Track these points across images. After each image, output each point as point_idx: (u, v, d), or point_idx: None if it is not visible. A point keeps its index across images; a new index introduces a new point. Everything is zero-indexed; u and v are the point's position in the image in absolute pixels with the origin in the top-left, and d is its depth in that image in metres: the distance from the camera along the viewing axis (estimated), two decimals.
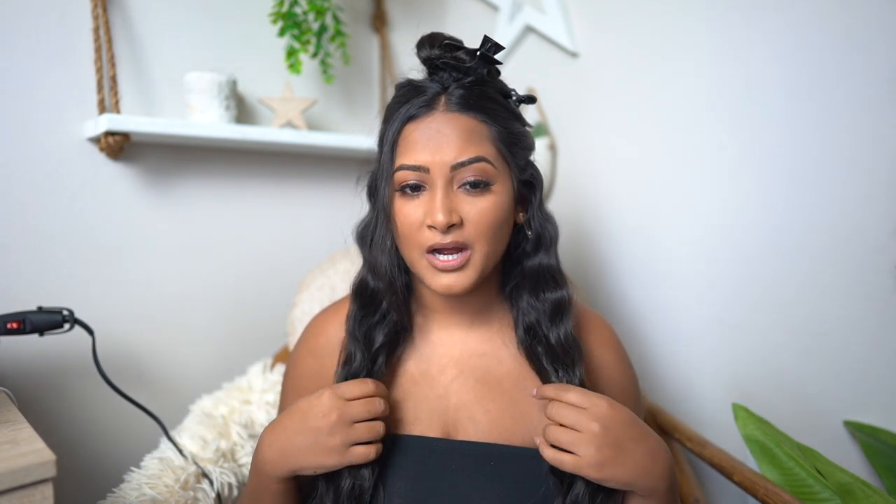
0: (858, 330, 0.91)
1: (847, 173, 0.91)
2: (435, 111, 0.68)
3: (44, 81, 1.06)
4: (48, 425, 1.06)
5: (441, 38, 0.71)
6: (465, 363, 0.77)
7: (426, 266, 0.69)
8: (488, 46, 0.70)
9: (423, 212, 0.68)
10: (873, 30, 0.87)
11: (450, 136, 0.67)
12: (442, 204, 0.66)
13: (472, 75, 0.70)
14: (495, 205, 0.69)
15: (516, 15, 1.40)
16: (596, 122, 1.27)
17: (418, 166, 0.67)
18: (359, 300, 0.78)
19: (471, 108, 0.68)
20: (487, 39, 0.70)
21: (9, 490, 0.56)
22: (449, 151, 0.67)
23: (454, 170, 0.67)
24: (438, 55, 0.70)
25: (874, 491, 0.72)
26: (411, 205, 0.69)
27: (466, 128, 0.68)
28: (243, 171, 1.30)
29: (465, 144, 0.67)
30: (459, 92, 0.69)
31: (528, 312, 0.76)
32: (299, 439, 0.66)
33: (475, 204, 0.68)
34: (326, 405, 0.66)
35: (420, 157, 0.67)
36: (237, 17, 1.29)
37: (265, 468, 0.68)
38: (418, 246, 0.69)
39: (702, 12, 1.07)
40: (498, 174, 0.69)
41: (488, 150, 0.68)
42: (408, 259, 0.72)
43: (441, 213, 0.66)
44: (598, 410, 0.63)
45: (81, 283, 1.11)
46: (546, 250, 0.76)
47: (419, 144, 0.68)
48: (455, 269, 0.68)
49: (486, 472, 0.70)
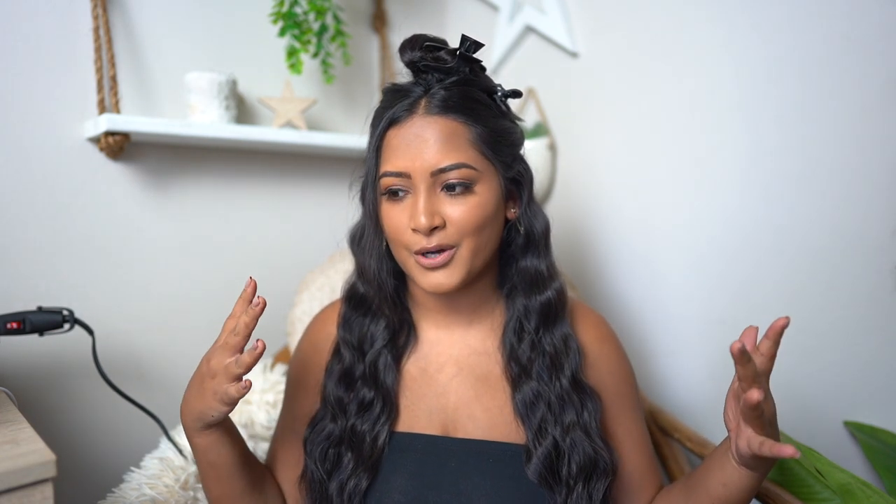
0: (858, 330, 0.91)
1: (847, 173, 0.91)
2: (415, 115, 0.69)
3: (44, 81, 1.06)
4: (48, 425, 1.06)
5: (423, 39, 0.71)
6: (463, 361, 0.77)
7: (415, 265, 0.70)
8: (467, 45, 0.70)
9: (407, 216, 0.69)
10: (873, 31, 0.87)
11: (429, 141, 0.67)
12: (424, 208, 0.67)
13: (454, 75, 0.71)
14: (478, 205, 0.69)
15: (516, 15, 1.40)
16: (596, 122, 1.27)
17: (399, 172, 0.68)
18: (349, 302, 0.80)
19: (450, 109, 0.69)
20: (466, 38, 0.70)
21: (9, 490, 0.56)
22: (429, 157, 0.67)
23: (434, 175, 0.68)
24: (420, 57, 0.70)
25: (874, 491, 0.72)
26: (396, 209, 0.70)
27: (446, 131, 0.68)
28: (243, 171, 1.30)
29: (445, 149, 0.67)
30: (441, 94, 0.69)
31: (522, 314, 0.77)
32: (190, 393, 0.69)
33: (457, 206, 0.68)
34: (203, 360, 0.68)
35: (401, 163, 0.68)
36: (237, 17, 1.29)
37: (186, 434, 0.71)
38: (406, 248, 0.70)
39: (701, 13, 1.07)
40: (480, 175, 0.69)
41: (469, 153, 0.68)
42: (399, 260, 0.73)
43: (423, 216, 0.67)
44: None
45: (81, 283, 1.11)
46: (536, 248, 0.76)
47: (400, 150, 0.68)
48: (441, 267, 0.69)
49: (484, 468, 0.71)
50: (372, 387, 0.76)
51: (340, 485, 0.72)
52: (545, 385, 0.73)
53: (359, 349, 0.78)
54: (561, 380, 0.73)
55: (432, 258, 0.68)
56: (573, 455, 0.70)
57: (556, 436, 0.71)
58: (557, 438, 0.71)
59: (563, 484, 0.69)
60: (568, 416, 0.72)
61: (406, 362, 0.78)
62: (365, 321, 0.79)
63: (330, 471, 0.73)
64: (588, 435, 0.72)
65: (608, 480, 0.71)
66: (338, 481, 0.72)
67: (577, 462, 0.70)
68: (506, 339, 0.77)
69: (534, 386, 0.73)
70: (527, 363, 0.75)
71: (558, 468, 0.70)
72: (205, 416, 0.66)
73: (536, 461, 0.70)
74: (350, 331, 0.78)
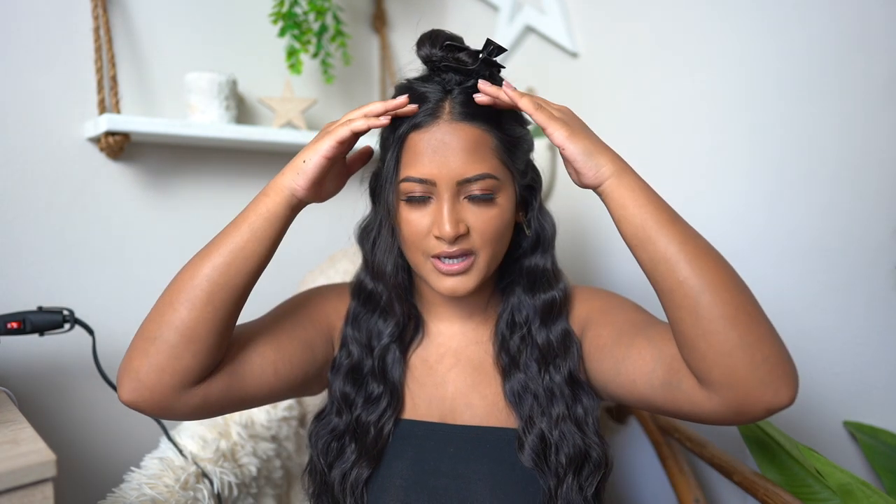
0: (858, 330, 0.91)
1: (847, 173, 0.91)
2: (439, 120, 0.68)
3: (44, 81, 1.06)
4: (48, 425, 1.06)
5: (442, 36, 0.70)
6: (462, 352, 0.79)
7: (431, 269, 0.71)
8: (491, 49, 0.69)
9: (429, 221, 0.69)
10: (872, 30, 0.87)
11: (455, 149, 0.67)
12: (450, 216, 0.67)
13: (474, 78, 0.70)
14: (500, 214, 0.70)
15: (516, 15, 1.40)
16: (595, 122, 1.26)
17: (424, 179, 0.68)
18: (357, 297, 0.81)
19: (475, 117, 0.68)
20: (490, 42, 0.69)
21: (9, 490, 0.56)
22: (455, 165, 0.67)
23: (460, 185, 0.68)
24: (440, 57, 0.69)
25: (874, 491, 0.72)
26: (417, 214, 0.70)
27: (471, 139, 0.68)
28: (243, 171, 1.30)
29: (471, 158, 0.67)
30: (462, 98, 0.69)
31: (518, 309, 0.78)
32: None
33: (480, 214, 0.69)
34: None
35: (426, 169, 0.68)
36: (237, 17, 1.29)
37: (278, 183, 0.68)
38: (424, 252, 0.70)
39: (701, 13, 1.07)
40: (501, 185, 0.70)
41: (492, 163, 0.69)
42: (412, 262, 0.74)
43: (449, 224, 0.67)
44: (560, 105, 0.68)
45: (81, 283, 1.11)
46: (544, 249, 0.78)
47: (425, 157, 0.68)
48: (459, 273, 0.70)
49: (481, 453, 0.73)
50: (381, 381, 0.77)
51: (343, 474, 0.73)
52: (533, 377, 0.75)
53: (367, 346, 0.78)
54: (552, 373, 0.74)
55: (451, 264, 0.69)
56: (562, 446, 0.71)
57: (542, 427, 0.72)
58: (544, 429, 0.72)
59: (553, 474, 0.70)
60: (556, 409, 0.73)
61: (411, 355, 0.80)
62: (373, 317, 0.79)
63: (332, 463, 0.75)
64: (580, 429, 0.72)
65: (601, 474, 0.72)
66: (340, 471, 0.74)
67: (566, 454, 0.71)
68: (498, 330, 0.79)
69: (521, 377, 0.75)
70: (516, 354, 0.76)
71: (546, 458, 0.71)
72: (295, 164, 0.66)
73: (528, 448, 0.71)
74: (358, 328, 0.79)
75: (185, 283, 0.63)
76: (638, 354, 0.66)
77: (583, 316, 0.77)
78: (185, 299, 0.62)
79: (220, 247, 0.64)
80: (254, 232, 0.65)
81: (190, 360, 0.62)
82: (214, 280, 0.63)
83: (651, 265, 0.60)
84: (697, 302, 0.56)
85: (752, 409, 0.56)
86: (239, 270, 0.64)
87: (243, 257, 0.64)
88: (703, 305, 0.56)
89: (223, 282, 0.63)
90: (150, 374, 0.61)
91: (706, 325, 0.56)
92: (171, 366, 0.61)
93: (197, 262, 0.64)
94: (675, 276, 0.58)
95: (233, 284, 0.64)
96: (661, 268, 0.59)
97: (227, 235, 0.65)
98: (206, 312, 0.62)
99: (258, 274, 0.67)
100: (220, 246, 0.64)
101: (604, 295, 0.79)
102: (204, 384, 0.65)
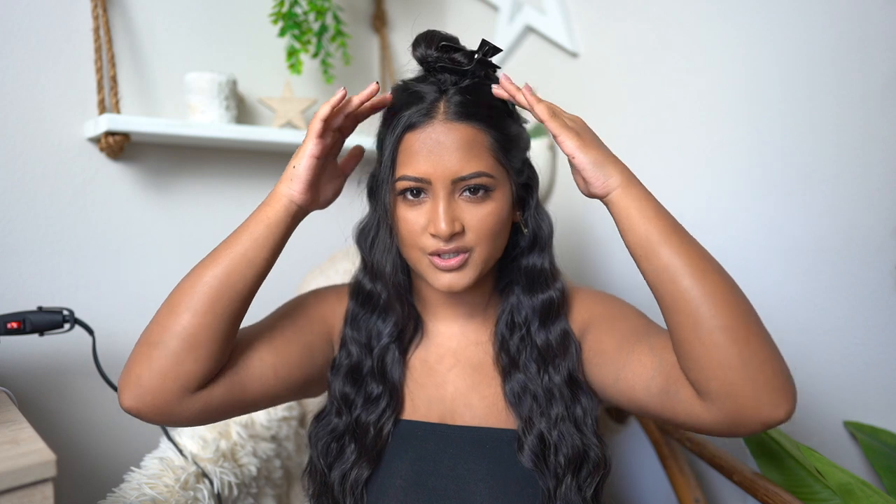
0: (858, 330, 0.91)
1: (847, 173, 0.91)
2: (434, 120, 0.69)
3: (44, 81, 1.06)
4: (48, 425, 1.06)
5: (438, 37, 0.71)
6: (461, 353, 0.79)
7: (428, 265, 0.71)
8: (486, 50, 0.70)
9: (425, 219, 0.69)
10: (872, 30, 0.87)
11: (450, 148, 0.68)
12: (445, 214, 0.67)
13: (469, 78, 0.71)
14: (495, 211, 0.70)
15: (516, 15, 1.40)
16: (595, 122, 1.26)
17: (419, 178, 0.68)
18: (356, 298, 0.81)
19: (470, 116, 0.69)
20: (485, 43, 0.70)
21: (9, 490, 0.56)
22: (450, 164, 0.67)
23: (455, 183, 0.68)
24: (436, 57, 0.70)
25: (874, 491, 0.72)
26: (414, 212, 0.70)
27: (466, 138, 0.68)
28: (243, 171, 1.30)
29: (466, 156, 0.68)
30: (457, 98, 0.69)
31: (517, 309, 0.78)
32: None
33: (476, 212, 0.69)
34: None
35: (421, 168, 0.68)
36: (237, 17, 1.29)
37: (277, 191, 0.69)
38: (421, 249, 0.71)
39: (701, 13, 1.07)
40: (497, 182, 0.70)
41: (487, 161, 0.69)
42: (409, 259, 0.74)
43: (444, 222, 0.67)
44: (574, 115, 0.69)
45: (81, 283, 1.11)
46: (541, 249, 0.78)
47: (420, 156, 0.68)
48: (455, 269, 0.70)
49: (481, 454, 0.73)
50: (380, 382, 0.77)
51: (343, 474, 0.74)
52: (532, 377, 0.75)
53: (367, 346, 0.79)
54: (551, 374, 0.74)
55: (448, 260, 0.69)
56: (560, 447, 0.71)
57: (542, 428, 0.72)
58: (543, 430, 0.72)
59: (552, 474, 0.70)
60: (555, 410, 0.73)
61: (411, 355, 0.80)
62: (372, 318, 0.79)
63: (332, 463, 0.75)
64: (579, 429, 0.73)
65: (600, 474, 0.72)
66: (340, 471, 0.74)
67: (564, 454, 0.71)
68: (498, 330, 0.79)
69: (520, 378, 0.75)
70: (515, 354, 0.77)
71: (546, 458, 0.71)
72: (288, 171, 0.68)
73: (528, 449, 0.72)
74: (358, 329, 0.79)
75: (187, 291, 0.64)
76: (638, 361, 0.67)
77: (584, 319, 0.77)
78: (187, 306, 0.63)
79: (221, 254, 0.66)
80: (255, 240, 0.66)
81: (192, 366, 0.63)
82: (215, 287, 0.64)
83: (654, 275, 0.61)
84: (698, 313, 0.57)
85: (749, 422, 0.57)
86: (240, 278, 0.65)
87: (244, 264, 0.66)
88: (703, 316, 0.57)
89: (224, 288, 0.64)
90: (152, 379, 0.62)
91: (705, 337, 0.57)
92: (174, 371, 0.62)
93: (199, 269, 0.66)
94: (677, 286, 0.59)
95: (234, 291, 0.65)
96: (663, 278, 0.60)
97: (229, 243, 0.66)
98: (207, 319, 0.63)
99: (260, 281, 0.68)
100: (221, 253, 0.66)
101: (606, 300, 0.79)
102: (206, 390, 0.66)
